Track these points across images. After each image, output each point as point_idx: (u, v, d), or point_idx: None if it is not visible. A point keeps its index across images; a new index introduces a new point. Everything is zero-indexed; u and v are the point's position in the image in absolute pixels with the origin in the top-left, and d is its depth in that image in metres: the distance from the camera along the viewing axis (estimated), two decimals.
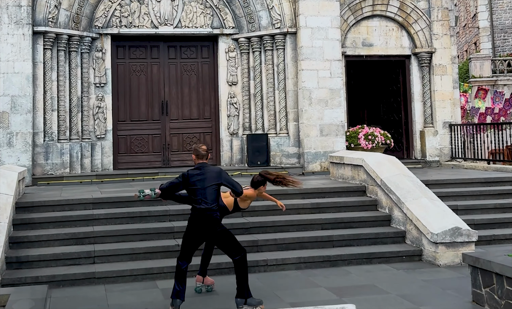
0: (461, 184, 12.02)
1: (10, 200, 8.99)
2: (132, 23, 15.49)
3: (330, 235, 9.54)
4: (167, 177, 14.35)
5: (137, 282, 8.11)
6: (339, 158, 12.59)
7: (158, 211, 9.93)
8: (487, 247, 9.21)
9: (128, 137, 15.67)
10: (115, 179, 14.15)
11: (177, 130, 15.94)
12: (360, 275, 8.25)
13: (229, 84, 15.86)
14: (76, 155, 14.53)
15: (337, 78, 15.18)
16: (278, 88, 15.59)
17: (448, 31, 16.70)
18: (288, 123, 15.50)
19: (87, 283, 8.07)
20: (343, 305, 3.68)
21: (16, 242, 8.87)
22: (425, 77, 16.68)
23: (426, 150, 16.42)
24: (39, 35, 14.20)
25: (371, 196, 10.91)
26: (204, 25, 15.83)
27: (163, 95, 15.96)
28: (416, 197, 9.75)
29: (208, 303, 7.13)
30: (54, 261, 8.52)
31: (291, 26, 15.43)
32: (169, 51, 16.09)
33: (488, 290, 6.53)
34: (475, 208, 10.90)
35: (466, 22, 40.20)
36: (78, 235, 9.14)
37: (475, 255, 6.87)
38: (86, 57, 15.03)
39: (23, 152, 13.67)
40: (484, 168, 14.56)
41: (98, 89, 15.16)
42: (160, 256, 8.80)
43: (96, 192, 11.42)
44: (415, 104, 16.73)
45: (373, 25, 16.53)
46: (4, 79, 13.69)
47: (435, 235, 8.81)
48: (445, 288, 7.51)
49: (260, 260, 8.71)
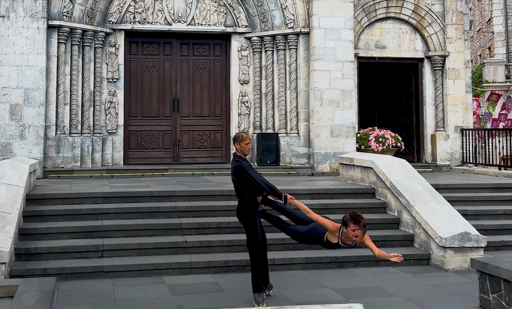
0: (471, 189, 11.96)
1: (21, 192, 9.06)
2: (145, 19, 15.54)
3: None
4: (176, 173, 14.45)
5: (144, 277, 8.14)
6: (349, 160, 12.57)
7: (167, 207, 9.97)
8: (496, 253, 9.15)
9: (139, 132, 15.73)
10: (125, 174, 14.22)
11: (188, 127, 15.98)
12: (367, 277, 8.24)
13: (240, 82, 15.88)
14: (87, 149, 14.61)
15: (349, 79, 15.16)
16: (290, 88, 15.58)
17: (462, 35, 16.60)
18: (299, 123, 15.49)
19: (95, 277, 8.11)
20: (351, 304, 3.68)
21: (25, 233, 8.93)
22: (437, 81, 16.60)
23: (436, 154, 16.35)
24: (53, 29, 14.29)
25: (380, 198, 10.88)
26: (217, 23, 15.85)
27: (175, 92, 16.00)
28: (425, 201, 9.72)
29: (214, 300, 7.15)
30: (62, 254, 8.57)
31: (304, 26, 15.42)
32: (181, 48, 16.13)
33: (495, 296, 6.50)
34: (484, 214, 10.83)
35: (481, 26, 39.98)
36: (87, 229, 9.19)
37: (483, 261, 6.83)
38: (99, 52, 15.11)
39: (35, 144, 13.76)
40: (495, 173, 14.48)
41: (111, 84, 15.23)
42: (167, 252, 8.82)
43: (106, 186, 11.48)
44: (427, 108, 16.67)
45: (386, 27, 16.48)
46: (18, 72, 13.78)
47: (444, 240, 8.77)
48: (452, 293, 7.48)
49: (268, 259, 8.70)
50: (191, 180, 12.98)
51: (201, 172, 14.55)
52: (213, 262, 8.45)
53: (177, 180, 13.02)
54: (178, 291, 7.48)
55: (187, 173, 14.49)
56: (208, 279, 8.06)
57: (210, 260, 8.55)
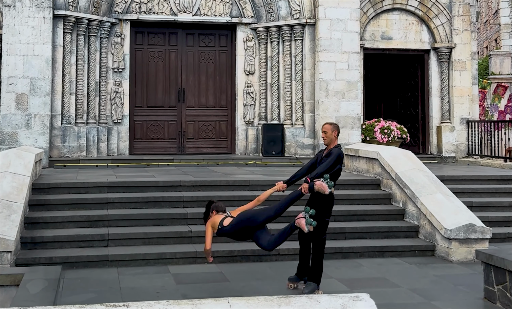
0: (476, 181, 11.94)
1: (26, 181, 9.09)
2: (151, 9, 15.52)
3: (343, 227, 9.53)
4: (181, 164, 14.46)
5: (149, 266, 8.17)
6: (354, 151, 12.56)
7: (172, 197, 9.98)
8: (501, 244, 9.14)
9: (144, 122, 15.75)
10: (130, 164, 14.25)
11: (193, 118, 15.99)
12: (372, 268, 8.25)
13: (246, 73, 15.86)
14: (92, 139, 14.65)
15: (355, 70, 15.12)
16: (295, 79, 15.56)
17: (469, 27, 16.52)
18: (304, 114, 15.47)
19: (100, 266, 8.14)
20: (358, 294, 3.69)
21: (31, 222, 8.97)
22: (443, 72, 16.54)
23: (442, 145, 16.31)
24: (59, 19, 14.29)
25: (385, 189, 10.87)
26: (223, 13, 15.82)
27: (180, 82, 16.00)
28: (430, 192, 9.70)
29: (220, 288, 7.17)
30: (68, 243, 8.60)
31: (310, 17, 15.37)
32: (187, 38, 16.12)
33: (500, 287, 6.50)
34: (490, 205, 10.81)
35: (488, 18, 39.77)
36: (92, 218, 9.22)
37: (488, 252, 6.83)
38: (105, 42, 15.11)
39: (41, 134, 13.79)
40: (501, 165, 14.44)
41: (116, 74, 15.24)
42: (172, 242, 8.84)
43: (112, 176, 11.50)
44: (432, 99, 16.62)
45: (393, 18, 16.41)
46: (24, 62, 13.80)
47: (449, 231, 8.77)
48: (457, 284, 7.48)
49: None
50: (196, 171, 12.99)
51: (206, 163, 14.57)
52: (218, 252, 8.45)
53: (182, 170, 13.04)
54: (183, 280, 7.50)
55: (192, 163, 14.51)
56: (213, 269, 8.07)
57: (215, 249, 8.52)
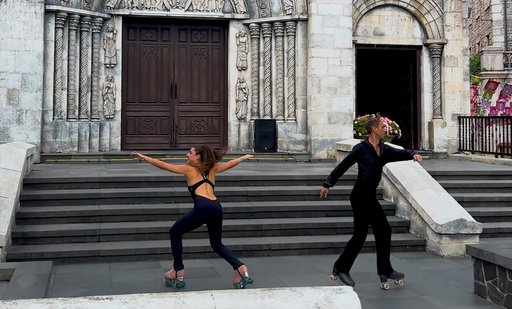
0: (467, 176, 12.00)
1: (18, 176, 9.06)
2: (143, 4, 15.48)
3: (335, 222, 9.57)
4: (174, 159, 14.42)
5: (141, 262, 8.18)
6: (346, 146, 12.58)
7: (164, 192, 9.99)
8: (492, 240, 9.19)
9: (136, 118, 15.72)
10: (122, 159, 14.21)
11: (185, 113, 15.97)
12: (363, 263, 8.26)
13: (238, 69, 15.85)
14: (84, 134, 14.61)
15: (347, 66, 15.14)
16: (288, 75, 15.56)
17: (461, 23, 16.57)
18: (296, 110, 15.48)
19: (92, 261, 8.14)
20: (340, 287, 3.72)
21: (22, 218, 8.95)
22: (435, 68, 16.59)
23: (434, 141, 16.37)
24: (51, 14, 14.23)
25: None
26: (216, 9, 15.79)
27: (173, 78, 15.97)
28: (421, 187, 9.75)
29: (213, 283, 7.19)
30: (59, 238, 8.60)
31: (302, 13, 15.37)
32: (179, 34, 16.08)
33: (490, 282, 6.54)
34: (480, 201, 10.88)
35: (480, 14, 39.88)
36: (84, 213, 9.21)
37: (478, 247, 6.87)
38: (97, 37, 15.05)
39: (32, 129, 13.75)
40: (492, 161, 14.51)
41: (108, 70, 15.19)
42: (164, 237, 8.81)
43: (103, 171, 11.48)
44: (424, 95, 16.67)
45: (385, 14, 16.44)
46: (15, 57, 13.74)
47: (440, 226, 8.81)
48: (447, 279, 7.53)
49: (264, 244, 8.76)
50: None
51: None
52: (209, 247, 8.41)
53: None
54: None
55: (184, 159, 14.34)
56: (204, 264, 8.10)
57: (206, 245, 8.53)
